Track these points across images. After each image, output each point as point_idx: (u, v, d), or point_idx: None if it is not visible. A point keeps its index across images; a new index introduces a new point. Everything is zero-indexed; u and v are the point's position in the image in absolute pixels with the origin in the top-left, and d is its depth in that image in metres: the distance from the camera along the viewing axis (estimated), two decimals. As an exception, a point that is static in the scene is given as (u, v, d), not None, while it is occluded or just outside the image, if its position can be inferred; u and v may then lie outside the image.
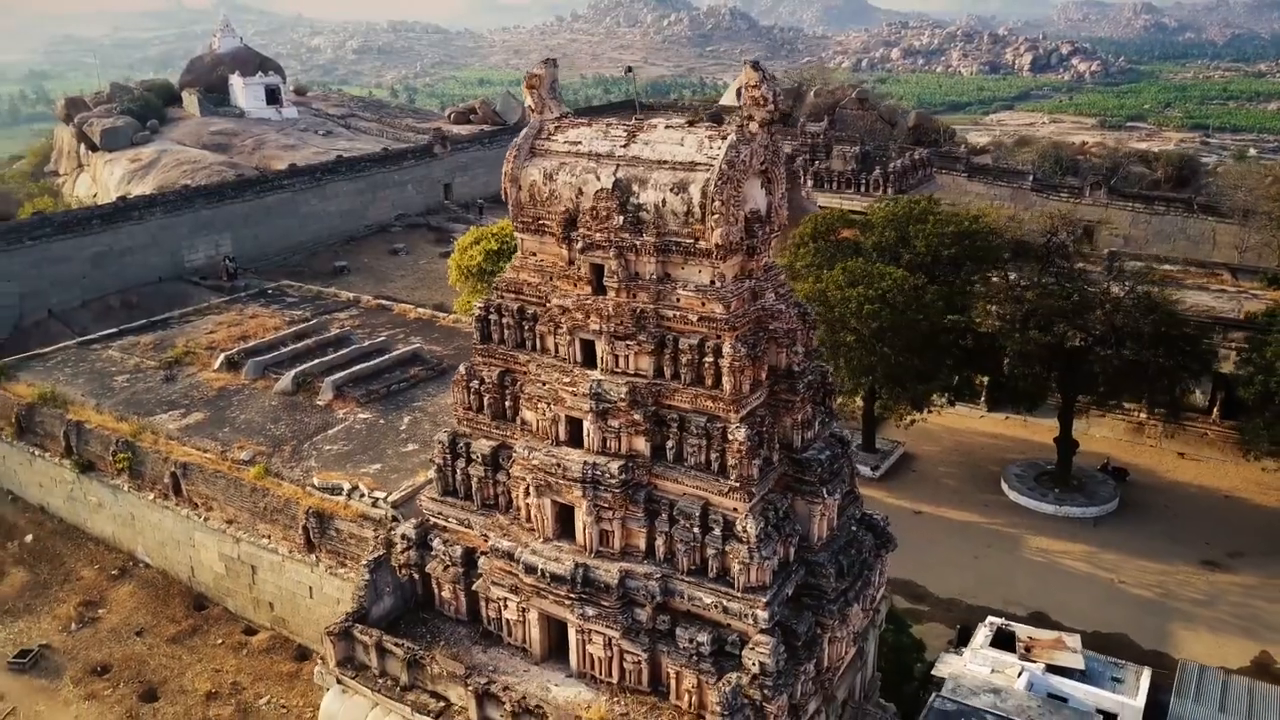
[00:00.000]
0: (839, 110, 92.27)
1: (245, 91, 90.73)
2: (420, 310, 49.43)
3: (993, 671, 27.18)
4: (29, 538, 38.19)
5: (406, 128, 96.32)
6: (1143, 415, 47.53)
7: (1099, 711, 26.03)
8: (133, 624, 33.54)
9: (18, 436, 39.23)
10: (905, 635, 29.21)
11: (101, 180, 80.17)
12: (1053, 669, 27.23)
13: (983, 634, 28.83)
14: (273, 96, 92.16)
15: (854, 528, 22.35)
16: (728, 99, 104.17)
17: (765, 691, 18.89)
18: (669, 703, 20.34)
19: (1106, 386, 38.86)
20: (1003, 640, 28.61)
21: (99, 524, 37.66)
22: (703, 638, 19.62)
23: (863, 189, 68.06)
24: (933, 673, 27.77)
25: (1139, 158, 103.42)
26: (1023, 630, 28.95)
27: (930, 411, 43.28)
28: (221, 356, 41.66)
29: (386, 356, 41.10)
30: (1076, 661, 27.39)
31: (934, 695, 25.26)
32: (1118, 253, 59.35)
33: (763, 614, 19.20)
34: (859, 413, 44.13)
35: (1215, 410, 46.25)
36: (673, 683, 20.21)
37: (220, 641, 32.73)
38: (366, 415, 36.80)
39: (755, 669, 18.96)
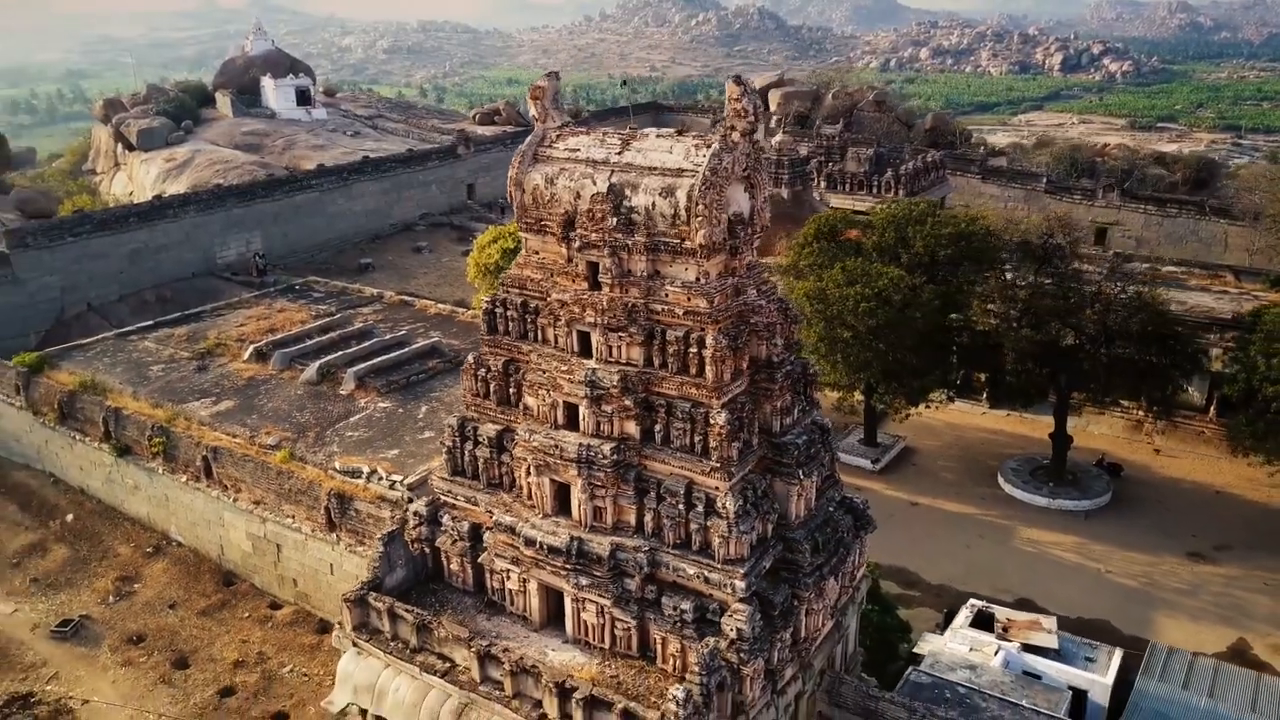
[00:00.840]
0: (857, 112, 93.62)
1: (276, 93, 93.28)
2: (440, 306, 51.46)
3: (971, 650, 28.71)
4: (70, 517, 40.54)
5: (432, 128, 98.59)
6: (1141, 413, 48.67)
7: (1070, 688, 27.50)
8: (166, 598, 35.73)
9: (60, 422, 41.59)
10: (891, 616, 30.77)
11: (138, 179, 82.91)
12: (1028, 648, 28.73)
13: (964, 615, 30.38)
14: (303, 98, 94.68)
15: (831, 509, 23.96)
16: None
17: (741, 655, 20.54)
18: (656, 667, 22.01)
19: (1097, 384, 40.16)
20: (983, 621, 30.11)
21: (135, 505, 39.93)
22: (686, 606, 21.31)
23: (874, 190, 69.22)
24: (915, 651, 29.30)
25: (1157, 160, 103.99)
26: (1001, 612, 30.46)
27: (930, 407, 44.74)
28: (251, 348, 43.88)
29: (406, 349, 43.14)
30: (1051, 641, 28.87)
31: (910, 669, 26.84)
32: (1123, 254, 60.44)
33: (740, 584, 20.88)
34: (860, 407, 45.55)
35: (1212, 408, 47.32)
36: (659, 648, 21.88)
37: (247, 615, 34.82)
38: (386, 404, 38.83)
39: (733, 634, 20.61)
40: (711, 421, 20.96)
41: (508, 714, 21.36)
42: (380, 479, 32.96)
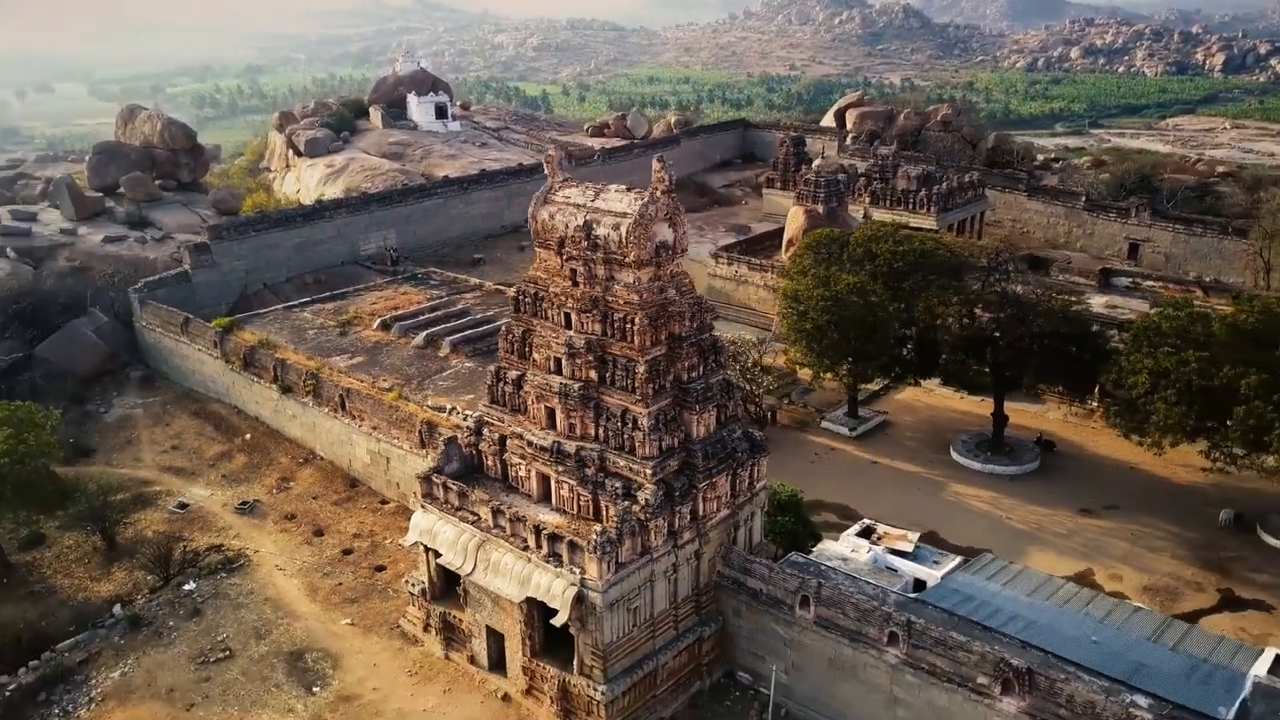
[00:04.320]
0: (924, 132, 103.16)
1: (418, 108, 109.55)
2: (526, 294, 65.22)
3: (852, 550, 40.24)
4: (248, 435, 56.26)
5: (549, 140, 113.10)
6: (1094, 403, 58.19)
7: (914, 579, 38.76)
8: (311, 492, 50.68)
9: (243, 368, 57.26)
10: (804, 526, 42.54)
11: (304, 180, 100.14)
12: (892, 551, 40.08)
13: (854, 529, 41.87)
14: (440, 112, 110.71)
15: (726, 435, 36.13)
16: (826, 121, 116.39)
17: (647, 514, 33.17)
18: (602, 524, 34.79)
19: (1013, 371, 50.44)
20: (867, 533, 41.53)
21: (292, 429, 55.22)
22: (619, 485, 34.05)
23: (911, 207, 79.45)
24: (811, 549, 41.02)
25: (1227, 176, 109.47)
26: (881, 527, 41.78)
27: (897, 388, 55.71)
28: (378, 320, 58.85)
29: (491, 325, 57.06)
30: (908, 547, 40.09)
31: (790, 553, 38.74)
32: (1110, 269, 69.39)
33: (649, 471, 33.51)
34: (826, 385, 56.84)
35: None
36: (605, 512, 34.59)
37: (364, 506, 49.31)
38: (470, 364, 52.87)
39: (643, 501, 33.30)
40: (637, 371, 33.69)
41: (506, 545, 34.67)
42: (457, 413, 46.85)
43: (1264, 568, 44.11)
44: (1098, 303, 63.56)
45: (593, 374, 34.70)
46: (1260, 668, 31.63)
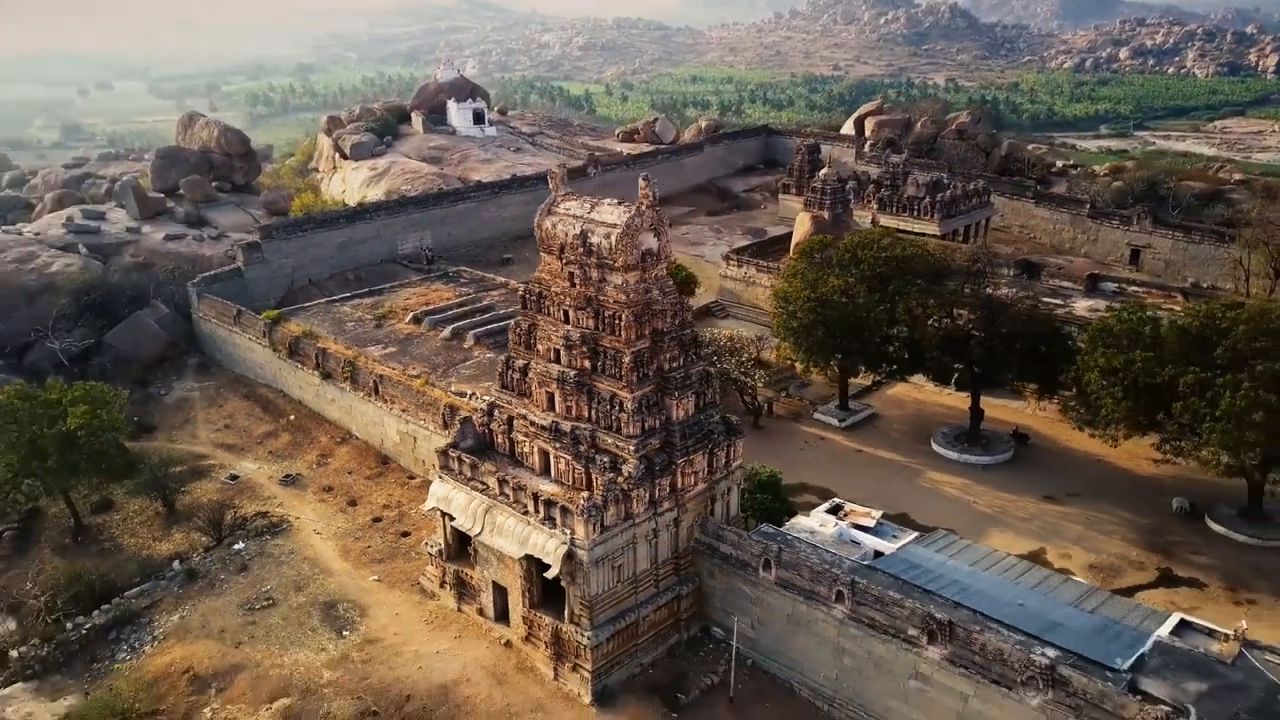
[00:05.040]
0: (939, 139, 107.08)
1: (457, 114, 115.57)
2: (547, 292, 70.69)
3: (820, 525, 45.07)
4: (291, 417, 62.32)
5: (581, 145, 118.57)
6: (1073, 400, 62.15)
7: (875, 551, 43.51)
8: (346, 468, 56.52)
9: (288, 356, 63.31)
10: (779, 503, 47.45)
11: (348, 182, 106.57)
12: (856, 526, 44.86)
13: (824, 506, 46.68)
14: (478, 118, 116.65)
15: (704, 419, 41.18)
16: (846, 129, 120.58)
17: (629, 485, 38.32)
18: (591, 492, 39.98)
19: (986, 368, 54.76)
20: (836, 511, 46.32)
21: (331, 411, 61.15)
22: (607, 460, 39.23)
23: (917, 214, 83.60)
24: (785, 524, 45.91)
25: (1239, 184, 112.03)
26: (849, 505, 46.57)
27: (887, 384, 60.21)
28: (410, 315, 64.51)
29: (513, 320, 62.44)
30: (870, 522, 44.85)
31: (761, 524, 43.68)
32: (1098, 275, 73.25)
33: (632, 448, 38.67)
34: (811, 379, 61.52)
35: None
36: (595, 482, 39.80)
37: (394, 481, 55.03)
38: (491, 355, 58.35)
39: (625, 474, 38.47)
40: (624, 361, 38.83)
41: (509, 509, 40.06)
42: (477, 398, 52.36)
43: (1205, 551, 48.18)
44: (1081, 306, 67.44)
45: (586, 363, 39.91)
46: (1165, 629, 36.10)
